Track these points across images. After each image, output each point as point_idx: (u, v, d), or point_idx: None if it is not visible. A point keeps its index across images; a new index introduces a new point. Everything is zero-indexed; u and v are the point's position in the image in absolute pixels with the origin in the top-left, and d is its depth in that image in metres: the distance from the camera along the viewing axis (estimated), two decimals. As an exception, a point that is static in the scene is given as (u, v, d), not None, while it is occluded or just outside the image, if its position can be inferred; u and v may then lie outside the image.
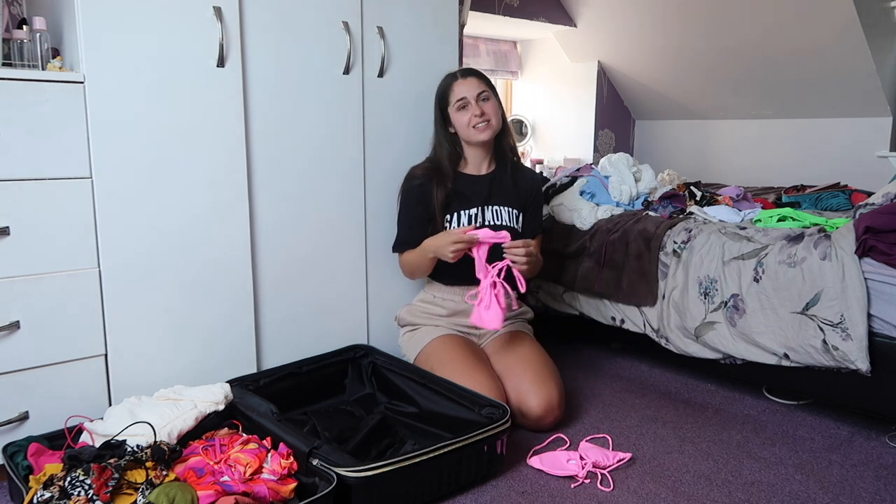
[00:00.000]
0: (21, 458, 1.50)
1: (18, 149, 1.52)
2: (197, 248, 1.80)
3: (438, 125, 2.10)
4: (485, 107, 2.02)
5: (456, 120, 2.05)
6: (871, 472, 1.71)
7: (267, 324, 1.98)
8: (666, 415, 2.06)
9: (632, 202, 2.60)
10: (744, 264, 2.00)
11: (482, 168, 2.11)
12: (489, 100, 2.04)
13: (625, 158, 2.70)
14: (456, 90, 2.04)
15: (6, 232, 1.52)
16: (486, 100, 2.03)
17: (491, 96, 2.05)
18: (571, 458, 1.69)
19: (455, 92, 2.04)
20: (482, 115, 2.01)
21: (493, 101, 2.05)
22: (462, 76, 2.06)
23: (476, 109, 2.01)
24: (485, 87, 2.04)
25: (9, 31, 1.63)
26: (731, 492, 1.61)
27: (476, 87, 2.03)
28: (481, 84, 2.04)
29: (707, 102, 3.97)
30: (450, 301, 2.07)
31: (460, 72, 2.08)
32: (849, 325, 1.77)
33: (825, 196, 2.79)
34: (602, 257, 2.35)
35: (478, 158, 2.10)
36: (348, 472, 1.40)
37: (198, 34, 1.73)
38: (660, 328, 2.21)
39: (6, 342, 1.56)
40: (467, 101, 2.01)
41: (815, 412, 2.08)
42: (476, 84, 2.03)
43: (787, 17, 3.16)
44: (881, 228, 1.76)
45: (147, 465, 1.40)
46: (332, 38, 1.98)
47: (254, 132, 1.87)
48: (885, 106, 3.26)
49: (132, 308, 1.72)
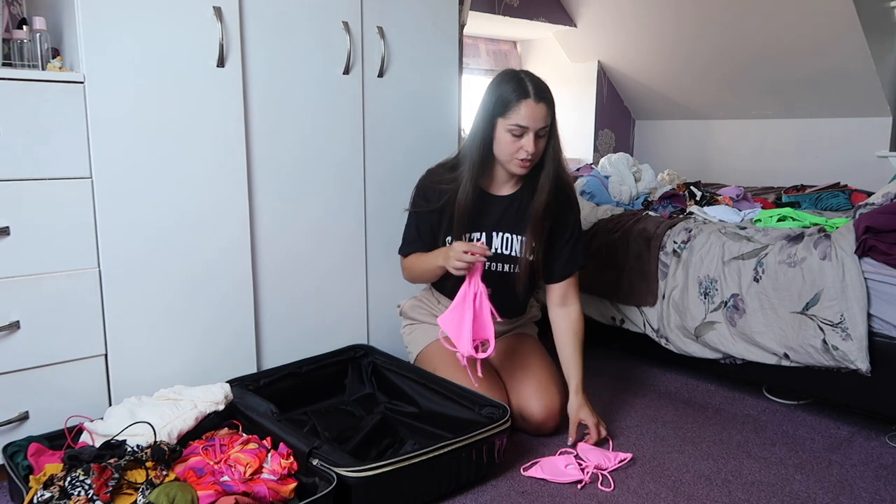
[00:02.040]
0: (21, 458, 1.50)
1: (18, 149, 1.52)
2: (197, 247, 1.80)
3: (479, 128, 1.80)
4: (539, 143, 1.77)
5: (501, 139, 1.78)
6: (871, 472, 1.71)
7: (267, 324, 1.98)
8: (666, 415, 2.06)
9: (632, 202, 2.60)
10: (744, 264, 2.00)
11: (503, 189, 1.90)
12: (544, 137, 1.79)
13: (625, 158, 2.70)
14: (521, 112, 1.73)
15: (6, 232, 1.52)
16: (543, 137, 1.78)
17: (548, 133, 1.80)
18: (570, 464, 1.68)
19: (519, 113, 1.73)
20: (532, 154, 1.77)
21: (544, 141, 1.80)
22: (536, 99, 1.73)
23: (531, 146, 1.75)
24: (549, 123, 1.77)
25: (9, 31, 1.63)
26: (731, 492, 1.61)
27: (542, 120, 1.74)
28: (548, 117, 1.76)
29: (707, 102, 3.97)
30: None
31: (535, 91, 1.74)
32: (849, 324, 1.77)
33: (825, 196, 2.79)
34: (602, 257, 2.35)
35: (502, 179, 1.89)
36: (348, 472, 1.40)
37: (198, 34, 1.73)
38: (660, 328, 2.22)
39: (6, 342, 1.56)
40: (526, 132, 1.75)
41: (815, 412, 2.08)
42: (544, 115, 1.74)
43: (787, 16, 3.16)
44: (881, 228, 1.76)
45: (147, 465, 1.40)
46: (332, 38, 1.98)
47: (254, 132, 1.87)
48: (885, 106, 3.26)
49: (132, 308, 1.72)
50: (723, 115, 3.98)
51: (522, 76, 1.78)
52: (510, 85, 1.76)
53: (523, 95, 1.73)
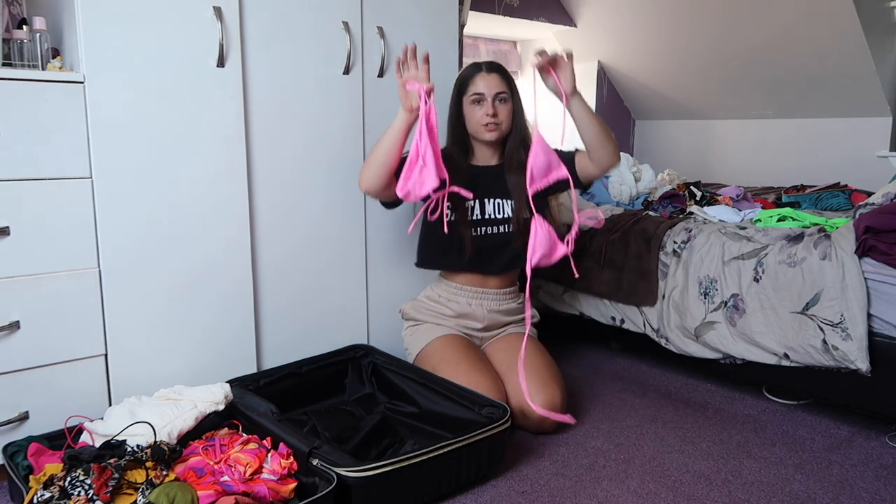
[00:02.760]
0: (21, 458, 1.50)
1: (18, 149, 1.52)
2: (197, 247, 1.80)
3: (452, 113, 2.04)
4: (499, 108, 1.97)
5: (468, 113, 2.00)
6: (871, 472, 1.71)
7: (267, 323, 1.98)
8: (666, 415, 2.06)
9: (632, 202, 2.60)
10: (744, 264, 2.00)
11: (490, 161, 2.06)
12: (506, 102, 1.98)
13: (625, 158, 2.70)
14: (476, 83, 1.97)
15: (6, 232, 1.52)
16: (503, 101, 1.98)
17: (509, 98, 1.99)
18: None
19: (475, 84, 1.97)
20: (494, 116, 1.96)
21: (509, 105, 1.99)
22: (487, 70, 1.98)
23: (490, 109, 1.95)
24: (504, 89, 1.98)
25: (9, 31, 1.63)
26: (731, 492, 1.61)
27: (496, 86, 1.96)
28: (502, 83, 1.98)
29: (707, 102, 3.97)
30: (455, 303, 2.07)
31: (486, 65, 2.00)
32: (849, 324, 1.77)
33: (825, 196, 2.79)
34: (602, 257, 2.35)
35: (485, 153, 2.06)
36: (348, 472, 1.40)
37: (198, 34, 1.73)
38: (660, 328, 2.22)
39: (6, 342, 1.56)
40: (483, 98, 1.96)
41: (815, 412, 2.08)
42: (497, 82, 1.97)
43: (788, 17, 3.16)
44: (881, 228, 1.76)
45: (147, 465, 1.40)
46: (332, 38, 1.98)
47: (254, 132, 1.87)
48: (885, 106, 3.26)
49: (132, 308, 1.72)
50: (722, 115, 3.98)
51: (476, 62, 2.04)
52: (466, 70, 2.03)
53: (476, 70, 1.99)
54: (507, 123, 2.00)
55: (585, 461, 1.75)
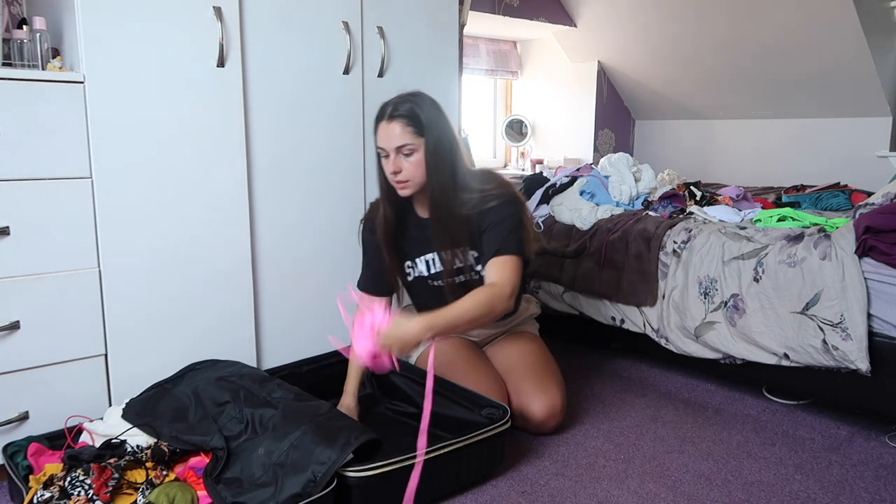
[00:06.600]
0: (21, 458, 1.50)
1: (18, 149, 1.52)
2: (197, 246, 1.80)
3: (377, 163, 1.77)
4: (404, 164, 1.67)
5: (381, 165, 1.74)
6: (871, 472, 1.71)
7: (267, 323, 1.98)
8: (666, 415, 2.06)
9: (632, 202, 2.60)
10: (744, 264, 2.00)
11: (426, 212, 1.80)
12: (412, 155, 1.67)
13: (625, 158, 2.70)
14: (379, 134, 1.69)
15: (6, 232, 1.52)
16: (409, 155, 1.67)
17: (417, 150, 1.66)
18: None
19: (378, 136, 1.70)
20: (398, 174, 1.68)
21: (418, 156, 1.67)
22: (389, 118, 1.67)
23: (389, 166, 1.68)
24: (408, 140, 1.65)
25: (9, 31, 1.63)
26: (731, 492, 1.61)
27: (398, 138, 1.65)
28: (405, 133, 1.65)
29: (707, 102, 3.97)
30: None
31: (390, 110, 1.67)
32: (849, 324, 1.77)
33: (825, 196, 2.79)
34: (602, 257, 2.35)
35: (421, 202, 1.80)
36: (348, 472, 1.40)
37: (198, 34, 1.73)
38: (660, 328, 2.22)
39: (6, 342, 1.56)
40: (386, 152, 1.69)
41: (815, 412, 2.08)
42: (399, 133, 1.65)
43: (787, 17, 3.16)
44: (881, 228, 1.76)
45: (147, 465, 1.40)
46: (332, 38, 1.98)
47: (254, 132, 1.87)
48: (885, 106, 3.26)
49: (132, 308, 1.72)
50: (723, 115, 3.98)
51: (391, 100, 1.71)
52: (377, 112, 1.72)
53: (379, 119, 1.70)
54: (420, 176, 1.69)
55: (585, 461, 1.76)
